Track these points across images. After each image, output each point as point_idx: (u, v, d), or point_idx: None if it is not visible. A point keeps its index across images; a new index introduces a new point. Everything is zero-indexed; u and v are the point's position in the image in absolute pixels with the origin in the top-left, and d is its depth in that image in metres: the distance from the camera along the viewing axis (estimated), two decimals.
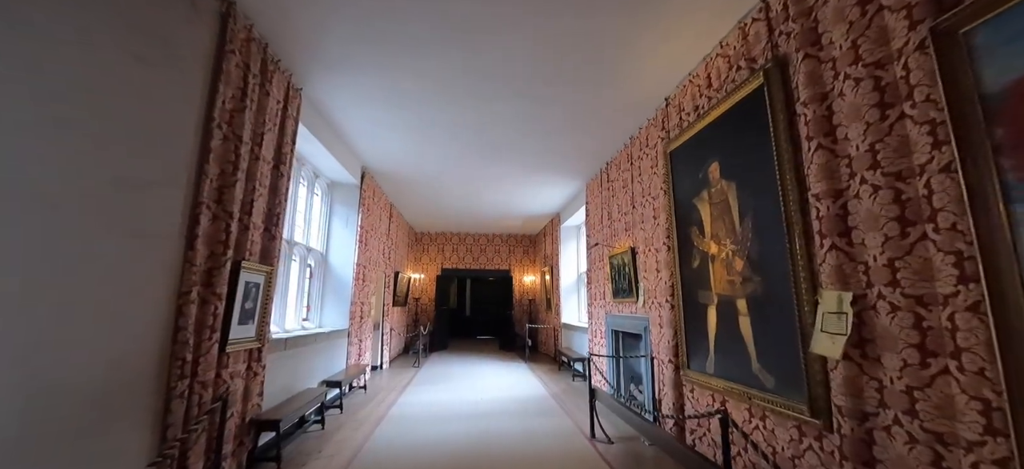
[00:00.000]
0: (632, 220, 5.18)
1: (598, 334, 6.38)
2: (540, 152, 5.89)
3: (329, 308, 5.97)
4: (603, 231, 6.23)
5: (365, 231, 6.57)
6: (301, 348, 4.63)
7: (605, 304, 6.09)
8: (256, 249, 3.43)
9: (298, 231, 5.38)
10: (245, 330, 3.26)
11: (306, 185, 5.62)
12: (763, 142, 2.82)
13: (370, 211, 6.83)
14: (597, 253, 6.48)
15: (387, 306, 8.47)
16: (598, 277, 6.46)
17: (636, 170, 5.07)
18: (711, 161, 3.46)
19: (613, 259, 5.66)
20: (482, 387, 6.61)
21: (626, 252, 5.20)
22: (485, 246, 12.45)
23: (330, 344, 5.50)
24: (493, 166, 6.48)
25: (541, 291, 11.25)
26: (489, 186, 7.60)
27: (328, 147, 5.11)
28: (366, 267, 6.65)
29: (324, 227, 6.11)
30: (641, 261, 4.86)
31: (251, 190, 3.30)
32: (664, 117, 4.34)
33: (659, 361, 4.29)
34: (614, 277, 5.67)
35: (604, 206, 6.23)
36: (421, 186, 7.62)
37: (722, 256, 3.31)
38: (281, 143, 3.78)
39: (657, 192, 4.47)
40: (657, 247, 4.45)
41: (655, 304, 4.44)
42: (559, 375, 7.73)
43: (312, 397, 4.34)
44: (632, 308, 5.14)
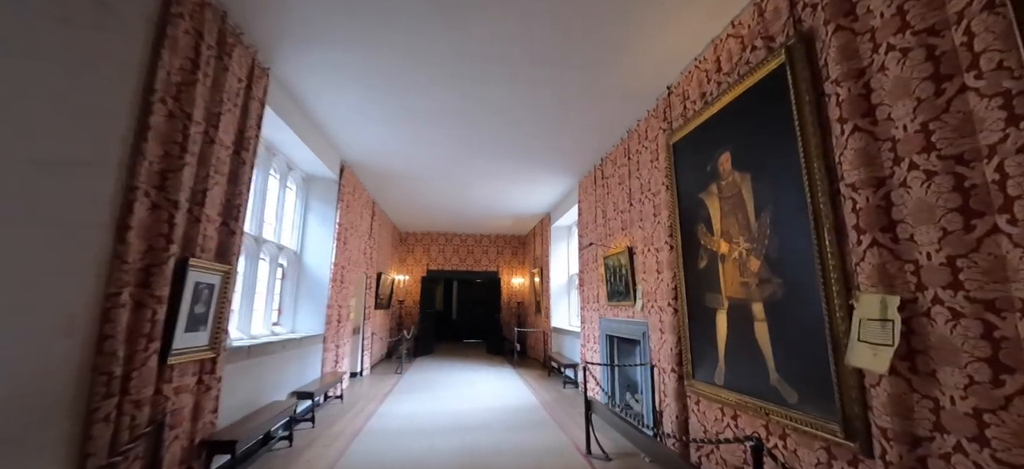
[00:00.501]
0: (629, 218, 4.87)
1: (591, 339, 6.06)
2: (531, 145, 5.56)
3: (303, 312, 5.52)
4: (597, 231, 5.92)
5: (344, 229, 6.14)
6: (268, 356, 4.19)
7: (599, 308, 5.77)
8: (211, 245, 3.01)
9: (268, 228, 4.94)
10: (195, 338, 2.83)
11: (278, 178, 5.17)
12: (784, 128, 2.53)
13: (350, 208, 6.40)
14: (590, 254, 6.17)
15: (368, 309, 8.02)
16: (591, 279, 6.14)
17: (634, 165, 4.76)
18: (721, 152, 3.16)
19: (608, 260, 5.34)
20: (468, 395, 6.22)
21: (622, 252, 4.89)
22: (473, 247, 12.06)
23: (303, 351, 5.06)
24: (481, 161, 6.12)
25: (530, 294, 10.91)
26: (477, 183, 7.24)
27: (302, 136, 4.69)
28: (345, 267, 6.22)
29: (299, 224, 5.66)
30: (639, 262, 4.56)
31: (204, 177, 2.88)
32: (666, 107, 4.04)
33: (660, 370, 3.98)
34: (609, 279, 5.35)
35: (598, 204, 5.92)
36: (405, 181, 7.21)
37: (734, 256, 3.00)
38: (244, 127, 3.37)
39: (658, 188, 4.17)
40: (658, 247, 4.14)
41: (655, 308, 4.13)
42: (549, 382, 7.38)
43: (279, 411, 3.91)
44: (629, 312, 4.82)
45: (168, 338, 2.56)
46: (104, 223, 2.20)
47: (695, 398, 3.46)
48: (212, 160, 2.95)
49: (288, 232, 5.51)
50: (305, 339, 5.10)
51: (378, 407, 5.39)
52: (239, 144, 3.33)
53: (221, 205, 3.13)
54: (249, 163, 3.42)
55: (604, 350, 5.54)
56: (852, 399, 2.09)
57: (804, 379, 2.40)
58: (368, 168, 6.47)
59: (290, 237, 5.54)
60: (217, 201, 3.06)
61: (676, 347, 3.67)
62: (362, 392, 6.31)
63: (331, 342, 5.77)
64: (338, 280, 5.92)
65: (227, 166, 3.20)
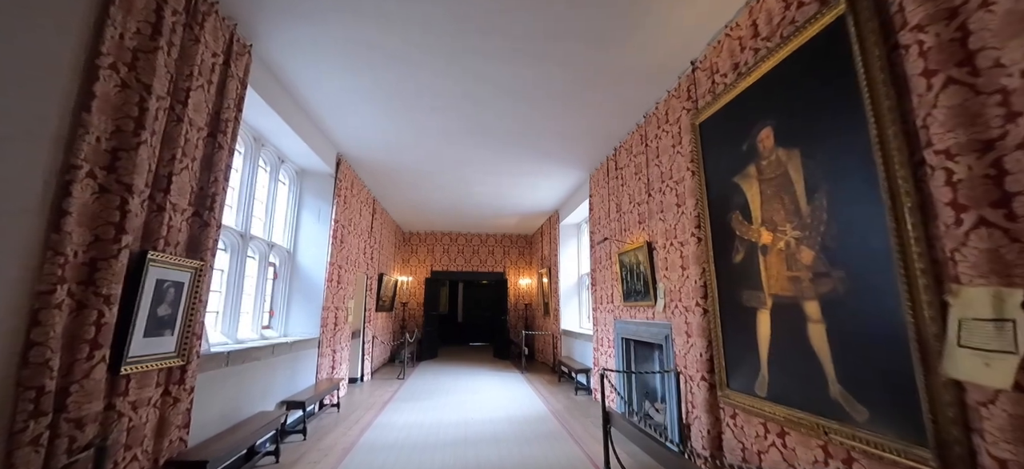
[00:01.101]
0: (648, 210, 4.46)
1: (605, 342, 5.64)
2: (538, 134, 5.16)
3: (296, 314, 5.17)
4: (610, 226, 5.51)
5: (341, 226, 5.79)
6: (254, 363, 3.83)
7: (613, 309, 5.35)
8: (179, 239, 2.65)
9: (257, 223, 4.59)
10: (158, 343, 2.47)
11: (268, 171, 4.83)
12: (845, 90, 2.12)
13: (347, 204, 6.05)
14: (603, 251, 5.76)
15: (369, 312, 7.66)
16: (605, 278, 5.73)
17: (652, 152, 4.36)
18: (761, 127, 2.75)
19: (623, 257, 4.93)
20: (474, 403, 5.83)
21: (640, 248, 4.48)
22: (478, 247, 11.68)
23: (295, 356, 4.70)
24: (485, 152, 5.74)
25: (538, 295, 10.50)
26: (481, 178, 6.86)
27: (293, 125, 4.34)
28: (342, 267, 5.86)
29: (291, 221, 5.32)
30: (660, 258, 4.14)
31: (169, 160, 2.53)
32: (690, 84, 3.63)
33: (687, 377, 3.55)
34: (625, 278, 4.94)
35: (611, 197, 5.51)
36: (407, 175, 6.85)
37: (779, 246, 2.59)
38: (221, 108, 3.02)
39: (681, 174, 3.76)
40: (682, 240, 3.72)
41: (680, 308, 3.71)
42: (559, 388, 6.97)
43: (265, 423, 3.54)
44: (649, 313, 4.40)
45: (121, 344, 2.20)
46: (33, 208, 1.85)
47: (731, 411, 3.03)
48: (180, 142, 2.59)
49: (280, 229, 5.17)
50: (298, 343, 4.74)
51: (376, 417, 5.01)
52: (214, 126, 2.98)
53: (192, 193, 2.77)
54: (227, 148, 3.07)
55: (620, 354, 5.12)
56: (948, 420, 1.67)
57: (876, 392, 1.98)
58: (366, 162, 6.12)
59: (282, 234, 5.19)
60: (186, 189, 2.70)
61: (706, 352, 3.25)
62: (361, 399, 5.94)
63: (327, 346, 5.41)
64: (334, 280, 5.57)
65: (200, 150, 2.85)
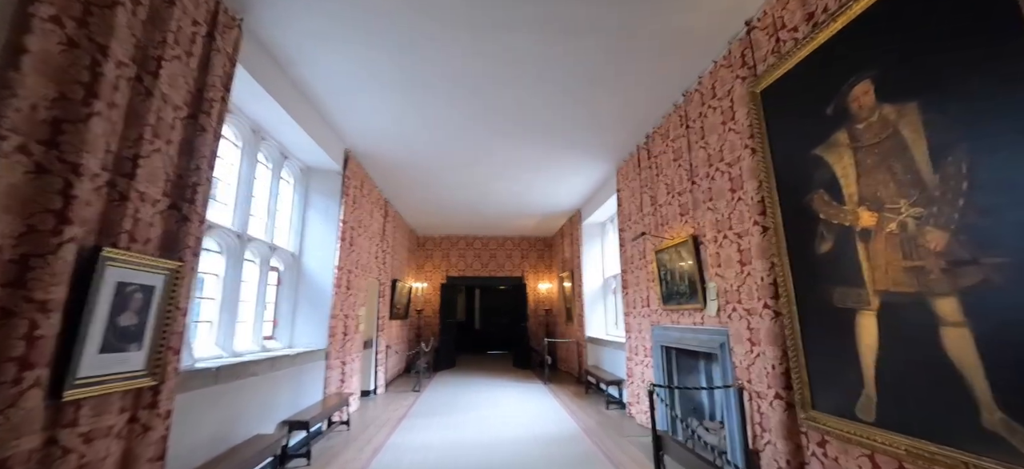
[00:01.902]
0: (691, 200, 3.91)
1: (640, 351, 5.07)
2: (561, 122, 4.67)
3: (302, 323, 4.76)
4: (644, 221, 4.96)
5: (350, 228, 5.38)
6: (250, 378, 3.40)
7: (650, 313, 4.78)
8: (150, 235, 2.24)
9: (256, 224, 4.21)
10: (118, 360, 2.04)
11: (270, 168, 4.45)
12: (988, 16, 1.57)
13: (357, 204, 5.65)
14: (637, 249, 5.21)
15: (383, 320, 7.24)
16: (638, 279, 5.17)
17: (696, 133, 3.81)
18: (854, 83, 2.20)
19: (662, 255, 4.38)
20: (496, 420, 5.31)
21: (684, 243, 3.92)
22: (495, 250, 11.21)
23: (300, 370, 4.27)
24: (506, 143, 5.27)
25: (559, 300, 9.95)
26: (498, 174, 6.39)
27: (295, 116, 3.96)
28: (351, 272, 5.45)
29: (296, 222, 4.93)
30: (710, 253, 3.58)
31: (135, 140, 2.12)
32: (745, 49, 3.10)
33: (753, 394, 2.98)
34: (664, 278, 4.38)
35: (644, 190, 4.96)
36: (420, 173, 6.43)
37: (889, 229, 2.02)
38: (204, 85, 2.61)
39: (737, 154, 3.21)
40: (740, 231, 3.17)
41: (739, 311, 3.14)
42: (588, 401, 6.39)
43: (262, 448, 3.11)
44: (696, 318, 3.83)
45: (64, 362, 1.77)
46: None
47: (818, 437, 2.45)
48: (149, 119, 2.19)
49: (283, 231, 4.78)
50: (302, 355, 4.31)
51: (388, 437, 4.53)
52: (196, 107, 2.57)
53: (168, 182, 2.36)
54: (212, 133, 2.67)
55: (659, 364, 4.54)
56: None
57: None
58: (377, 158, 5.72)
59: (286, 237, 4.80)
60: (160, 176, 2.29)
61: (780, 363, 2.68)
62: (373, 415, 5.48)
63: (336, 358, 4.98)
64: (343, 286, 5.15)
65: (178, 133, 2.44)
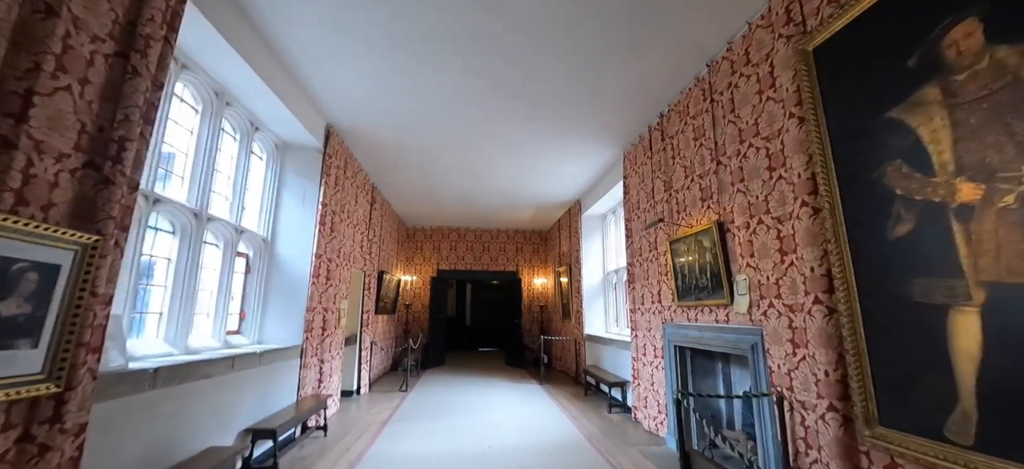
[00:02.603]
0: (716, 183, 3.47)
1: (648, 351, 4.64)
2: (569, 98, 4.20)
3: (274, 316, 4.23)
4: (656, 209, 4.52)
5: (331, 212, 4.86)
6: (202, 381, 2.88)
7: (661, 310, 4.36)
8: (55, 199, 1.73)
9: (220, 202, 3.67)
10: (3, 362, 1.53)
11: (237, 140, 3.91)
12: None
13: (340, 187, 5.13)
14: (647, 240, 4.77)
15: (367, 314, 6.72)
16: (648, 273, 4.74)
17: (723, 106, 3.38)
18: (950, 23, 1.76)
19: (678, 245, 3.95)
20: (489, 424, 4.85)
21: (706, 231, 3.49)
22: (488, 244, 10.72)
23: (270, 369, 3.76)
24: (503, 123, 4.78)
25: (555, 296, 9.52)
26: (496, 159, 5.90)
27: (268, 80, 3.44)
28: (332, 261, 4.93)
29: (269, 203, 4.39)
30: (740, 241, 3.14)
31: (26, 71, 1.60)
32: (791, 2, 2.66)
33: (796, 404, 2.55)
34: (680, 271, 3.95)
35: (657, 174, 4.53)
36: (409, 155, 5.92)
37: (1004, 203, 1.60)
38: (138, 17, 2.09)
39: (779, 126, 2.77)
40: (781, 214, 2.74)
41: (778, 307, 2.72)
42: (588, 404, 5.97)
43: (216, 463, 2.60)
44: (719, 315, 3.41)
45: None
46: None
47: (886, 459, 2.03)
48: (52, 45, 1.67)
49: (253, 212, 4.24)
50: (273, 353, 3.79)
51: (369, 445, 4.04)
52: (127, 43, 2.05)
53: (81, 133, 1.84)
54: (150, 79, 2.14)
55: (672, 366, 4.12)
56: None
57: None
58: (362, 136, 5.19)
59: (256, 219, 4.26)
60: (69, 123, 1.77)
61: (834, 369, 2.26)
62: (354, 419, 4.98)
63: (312, 355, 4.47)
64: (322, 276, 4.63)
65: (99, 72, 1.92)
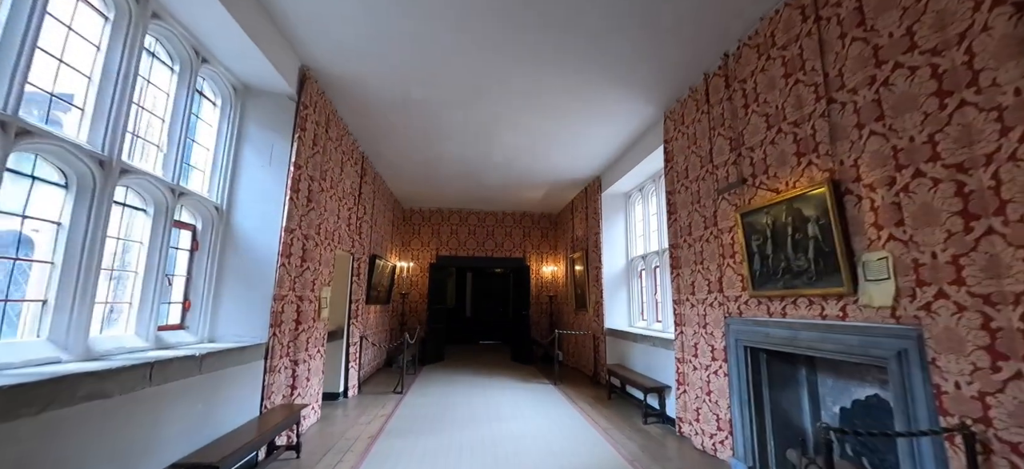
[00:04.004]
0: (826, 129, 2.54)
1: (701, 351, 3.75)
2: (604, 21, 3.24)
3: (230, 306, 3.30)
4: (715, 175, 3.60)
5: (308, 178, 3.90)
6: (96, 405, 1.95)
7: (724, 301, 3.46)
8: None
9: (146, 153, 2.72)
10: None
11: (175, 71, 2.94)
12: None
13: (320, 149, 4.16)
14: (699, 213, 3.85)
15: (357, 304, 5.80)
16: (700, 255, 3.83)
17: (842, 21, 2.43)
18: None
19: (754, 217, 3.04)
20: (502, 439, 3.97)
21: (808, 196, 2.58)
22: (493, 228, 9.78)
23: (216, 379, 2.83)
24: (520, 74, 3.83)
25: (568, 285, 8.62)
26: (509, 122, 4.94)
27: None
28: (309, 239, 3.98)
29: (224, 161, 3.43)
30: (873, 206, 2.22)
31: None
32: None
33: (1001, 447, 1.66)
34: (758, 251, 3.04)
35: (717, 131, 3.60)
36: (406, 116, 4.95)
37: None
38: None
39: (964, 27, 1.84)
40: (968, 159, 1.81)
41: (961, 299, 1.81)
42: (614, 410, 5.10)
43: None
44: (830, 308, 2.50)
45: None
46: None
47: None
48: None
49: (202, 173, 3.29)
50: (222, 355, 2.86)
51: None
52: None
53: None
54: None
55: (740, 372, 3.23)
56: None
57: None
58: (349, 86, 4.21)
59: (206, 182, 3.31)
60: None
61: None
62: (337, 432, 4.08)
63: (282, 355, 3.54)
64: (296, 256, 3.69)
65: None
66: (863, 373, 2.77)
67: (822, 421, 3.01)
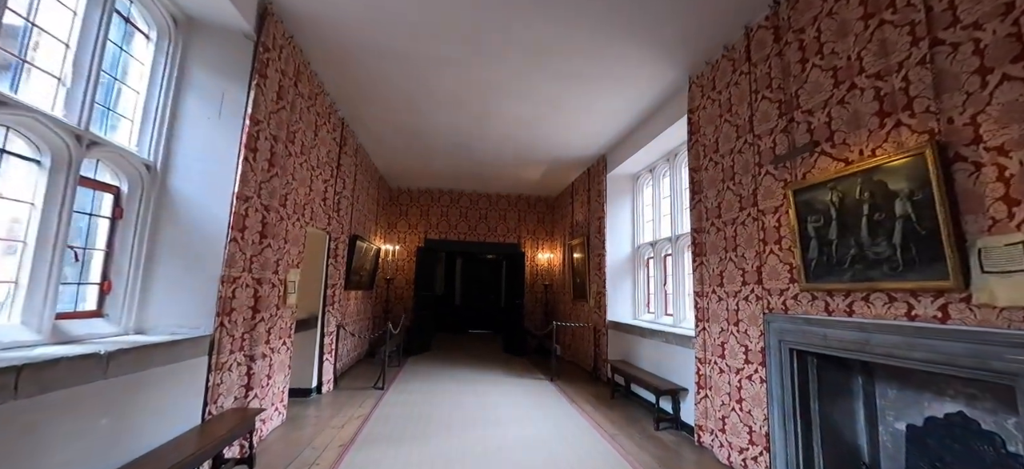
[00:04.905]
0: (929, 79, 1.99)
1: (732, 352, 3.24)
2: None
3: (165, 289, 2.66)
4: (758, 145, 3.06)
5: (269, 136, 3.25)
6: None
7: (765, 294, 2.93)
8: None
9: (40, 84, 2.05)
10: None
11: None
12: None
13: (288, 104, 3.49)
14: (732, 191, 3.31)
15: (334, 289, 5.17)
16: (734, 240, 3.30)
17: None
18: None
19: (813, 194, 2.50)
20: (497, 450, 3.43)
21: (903, 164, 2.04)
22: (486, 210, 9.17)
23: (133, 383, 2.21)
24: (525, 26, 3.20)
25: (565, 274, 8.08)
26: (505, 87, 4.32)
27: None
28: (271, 210, 3.34)
29: (159, 110, 2.75)
30: (1005, 174, 1.69)
31: None
32: None
33: None
34: (814, 233, 2.51)
35: (762, 93, 3.04)
36: (392, 73, 4.29)
37: None
38: None
39: None
40: None
41: None
42: (619, 412, 4.60)
43: None
44: (924, 307, 1.98)
45: None
46: None
47: None
48: None
49: (131, 123, 2.62)
50: (145, 351, 2.24)
51: None
52: None
53: None
54: None
55: (783, 378, 2.72)
56: None
57: None
58: (324, 33, 3.54)
59: (134, 134, 2.64)
60: None
61: None
62: (304, 438, 3.50)
63: (233, 350, 2.93)
64: (251, 230, 3.05)
65: None
66: (941, 384, 2.28)
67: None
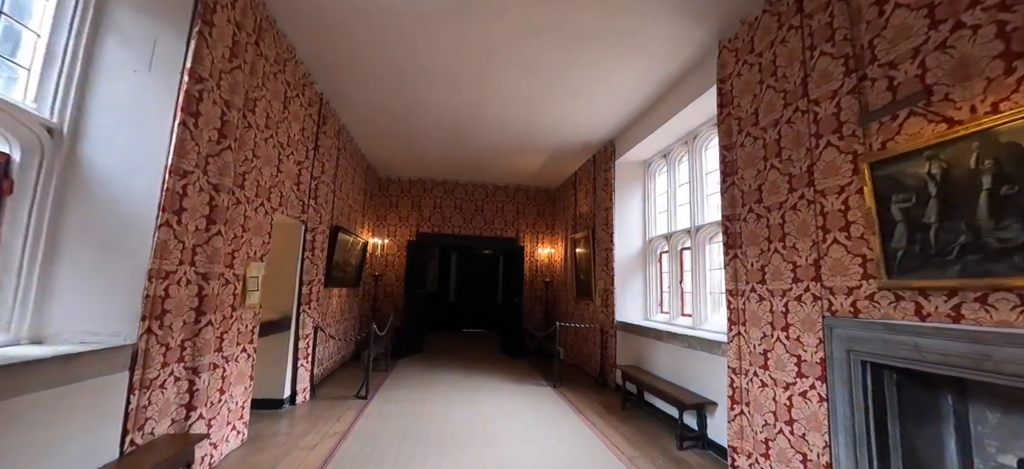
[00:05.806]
0: None
1: (779, 361, 2.71)
2: None
3: (74, 285, 2.09)
4: (807, 115, 2.52)
5: (219, 101, 2.66)
6: None
7: (825, 294, 2.40)
8: None
9: None
10: None
11: None
12: None
13: (244, 63, 2.90)
14: (778, 171, 2.77)
15: (310, 286, 4.59)
16: (778, 229, 2.76)
17: None
18: None
19: (901, 168, 1.97)
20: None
21: None
22: (482, 202, 8.60)
23: (14, 411, 1.64)
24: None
25: (567, 270, 7.54)
26: (504, 57, 3.75)
27: None
28: (220, 189, 2.75)
29: (68, 60, 2.17)
30: None
31: None
32: None
33: None
34: (902, 215, 1.98)
35: (811, 53, 2.50)
36: (378, 37, 3.71)
37: None
38: None
39: None
40: None
41: None
42: (633, 426, 4.07)
43: None
44: None
45: None
46: None
47: None
48: None
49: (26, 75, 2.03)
50: (19, 369, 1.67)
51: None
52: None
53: None
54: None
55: (853, 398, 2.19)
56: None
57: None
58: None
59: (29, 87, 2.06)
60: None
61: None
62: (262, 462, 2.93)
63: (165, 361, 2.36)
64: (192, 212, 2.47)
65: None
66: None
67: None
